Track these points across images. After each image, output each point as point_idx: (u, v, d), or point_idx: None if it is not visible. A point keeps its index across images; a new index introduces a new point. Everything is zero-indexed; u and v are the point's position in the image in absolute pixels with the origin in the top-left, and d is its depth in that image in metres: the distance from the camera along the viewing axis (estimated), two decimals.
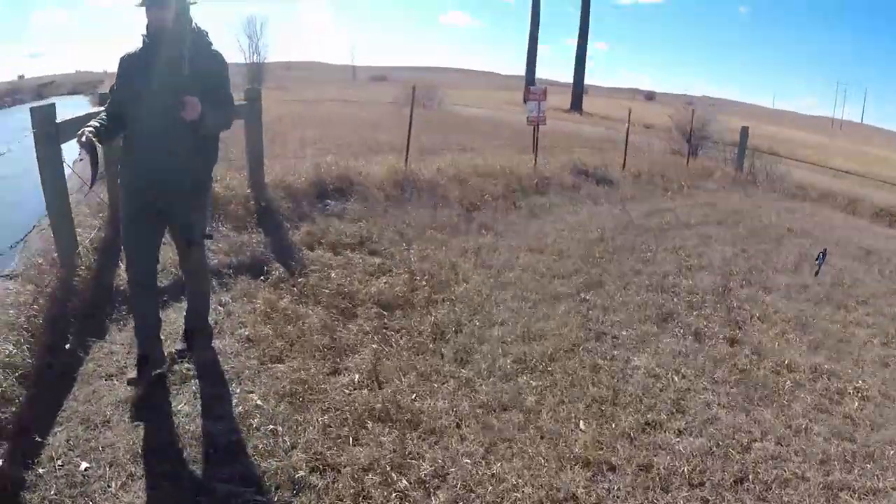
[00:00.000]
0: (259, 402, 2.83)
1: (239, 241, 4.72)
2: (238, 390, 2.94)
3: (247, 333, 3.46)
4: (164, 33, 2.66)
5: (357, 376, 3.11)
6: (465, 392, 3.08)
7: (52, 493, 2.19)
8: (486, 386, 3.14)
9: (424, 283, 4.40)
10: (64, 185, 3.89)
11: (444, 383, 3.15)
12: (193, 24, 2.75)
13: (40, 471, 2.29)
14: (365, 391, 3.00)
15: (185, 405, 2.79)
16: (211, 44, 2.82)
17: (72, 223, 4.06)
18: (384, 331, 3.69)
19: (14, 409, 2.71)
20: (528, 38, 35.37)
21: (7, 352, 3.06)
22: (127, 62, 2.76)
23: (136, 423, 2.62)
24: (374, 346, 3.46)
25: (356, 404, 2.85)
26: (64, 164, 3.82)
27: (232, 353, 3.28)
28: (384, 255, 4.95)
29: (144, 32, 2.72)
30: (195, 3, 2.74)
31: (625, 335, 3.84)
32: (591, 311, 4.16)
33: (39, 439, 2.45)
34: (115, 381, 2.94)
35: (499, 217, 6.62)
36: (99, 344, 3.29)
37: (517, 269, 4.95)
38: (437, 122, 14.99)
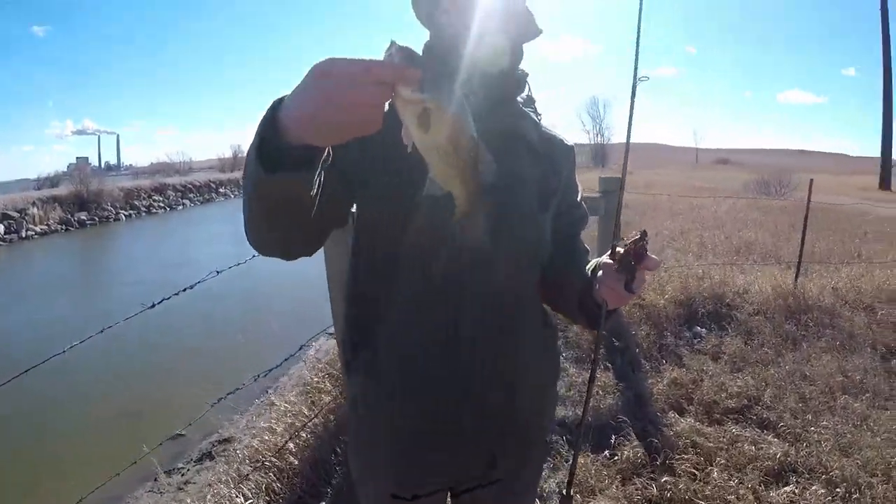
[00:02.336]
0: None
1: (579, 383, 3.68)
2: None
3: None
4: (489, 80, 1.16)
5: None
6: None
7: None
8: None
9: None
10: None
11: None
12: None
13: None
14: None
15: None
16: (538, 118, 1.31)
17: None
18: None
19: None
20: (881, 114, 29.00)
21: None
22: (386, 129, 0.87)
23: None
24: None
25: None
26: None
27: None
28: (784, 436, 3.41)
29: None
30: (540, 33, 1.23)
31: None
32: None
33: None
34: None
35: None
36: None
37: None
38: (799, 215, 11.74)
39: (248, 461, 3.04)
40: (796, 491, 2.89)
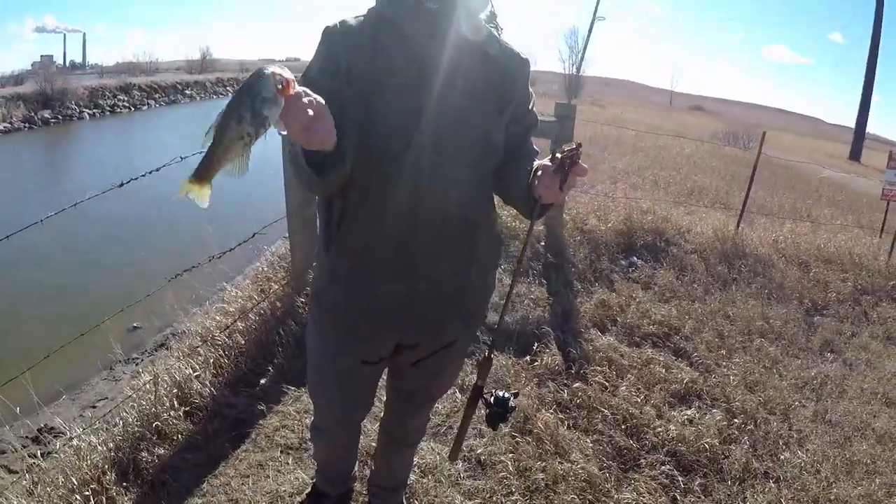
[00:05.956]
0: None
1: (512, 294, 3.69)
2: None
3: (480, 452, 2.53)
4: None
5: None
6: None
7: None
8: None
9: (744, 434, 2.97)
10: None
11: None
12: None
13: None
14: None
15: None
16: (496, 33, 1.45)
17: (311, 238, 3.47)
18: None
19: (163, 449, 2.31)
20: (862, 83, 29.56)
21: (186, 375, 2.69)
22: (354, 47, 1.27)
23: None
24: None
25: None
26: None
27: (451, 476, 2.39)
28: (696, 366, 3.55)
29: None
30: None
31: None
32: None
33: None
34: (290, 459, 2.40)
35: (846, 331, 4.56)
36: (295, 394, 2.78)
37: (871, 437, 3.16)
38: (760, 170, 11.84)
39: (199, 337, 3.20)
40: (697, 415, 3.03)
